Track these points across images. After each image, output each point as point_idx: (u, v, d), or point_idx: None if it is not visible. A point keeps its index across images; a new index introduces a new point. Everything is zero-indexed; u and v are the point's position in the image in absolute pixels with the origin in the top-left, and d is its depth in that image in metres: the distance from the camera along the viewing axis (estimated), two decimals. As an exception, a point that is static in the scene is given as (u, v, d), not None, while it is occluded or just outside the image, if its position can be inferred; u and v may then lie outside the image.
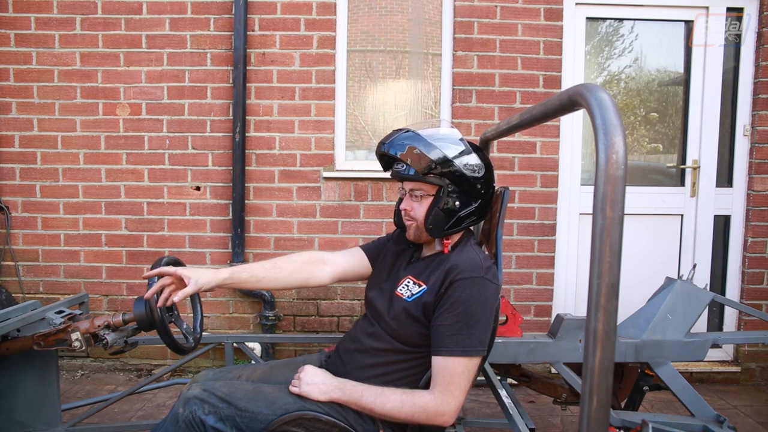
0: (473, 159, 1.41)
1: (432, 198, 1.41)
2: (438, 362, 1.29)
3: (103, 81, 3.00)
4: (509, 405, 1.52)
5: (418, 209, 1.43)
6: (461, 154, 1.39)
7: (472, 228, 1.53)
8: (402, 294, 1.42)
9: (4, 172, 3.03)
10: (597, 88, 0.93)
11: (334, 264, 1.64)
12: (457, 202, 1.40)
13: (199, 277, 1.38)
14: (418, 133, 1.41)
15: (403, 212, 1.48)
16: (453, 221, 1.41)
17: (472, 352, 1.28)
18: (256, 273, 1.51)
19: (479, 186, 1.42)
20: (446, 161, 1.36)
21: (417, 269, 1.46)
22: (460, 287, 1.31)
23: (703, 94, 3.12)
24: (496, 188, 1.52)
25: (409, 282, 1.43)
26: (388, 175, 1.57)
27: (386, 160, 1.48)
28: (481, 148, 1.48)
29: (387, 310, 1.43)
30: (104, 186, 3.04)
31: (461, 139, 1.44)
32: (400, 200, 1.51)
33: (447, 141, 1.40)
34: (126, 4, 2.97)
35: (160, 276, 1.40)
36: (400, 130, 1.44)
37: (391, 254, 1.59)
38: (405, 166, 1.40)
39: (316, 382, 1.35)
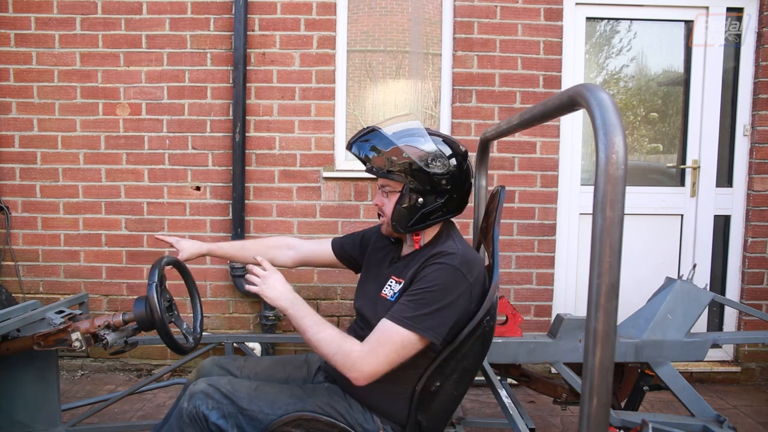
0: (437, 155, 1.37)
1: (398, 194, 1.40)
2: (380, 323, 1.30)
3: (103, 81, 3.00)
4: (509, 405, 1.52)
5: (387, 205, 1.44)
6: (423, 150, 1.36)
7: (453, 220, 1.51)
8: (386, 295, 1.42)
9: (4, 172, 3.03)
10: (597, 88, 0.92)
11: (297, 250, 1.81)
12: (420, 199, 1.37)
13: (185, 248, 1.75)
14: (380, 130, 1.40)
15: (376, 208, 1.49)
16: (417, 218, 1.39)
17: (414, 329, 1.26)
18: (228, 252, 1.85)
19: (444, 182, 1.38)
20: (403, 159, 1.35)
21: (398, 268, 1.47)
22: (429, 269, 1.32)
23: (703, 94, 3.12)
24: (472, 182, 1.47)
25: (392, 282, 1.44)
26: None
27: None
28: (454, 142, 1.43)
29: (374, 315, 1.41)
30: (104, 186, 3.05)
31: (428, 135, 1.40)
32: None
33: (410, 137, 1.38)
34: (126, 4, 2.97)
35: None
36: (366, 128, 1.44)
37: (373, 262, 1.59)
38: (370, 164, 1.40)
39: (276, 287, 1.37)
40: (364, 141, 1.41)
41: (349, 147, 1.45)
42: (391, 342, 1.26)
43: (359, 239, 1.73)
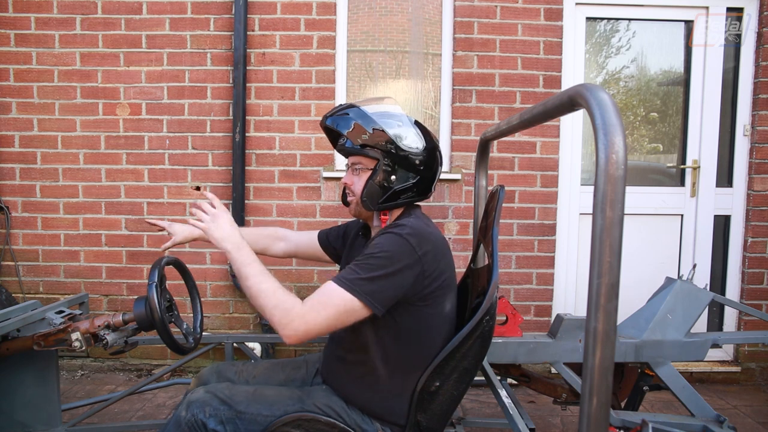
0: (411, 135, 1.41)
1: (370, 172, 1.41)
2: (324, 285, 1.28)
3: (103, 81, 3.00)
4: (509, 405, 1.52)
5: (357, 183, 1.44)
6: (399, 129, 1.40)
7: (419, 204, 1.53)
8: None
9: (4, 172, 3.03)
10: (597, 88, 0.92)
11: (288, 241, 1.84)
12: (393, 177, 1.40)
13: (178, 231, 1.73)
14: (359, 107, 1.43)
15: (345, 187, 1.49)
16: (388, 195, 1.41)
17: (354, 292, 1.23)
18: None
19: (417, 162, 1.41)
20: (382, 135, 1.38)
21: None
22: (379, 238, 1.32)
23: (703, 94, 3.12)
24: (441, 169, 1.51)
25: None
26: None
27: (333, 135, 1.50)
28: (423, 126, 1.48)
29: None
30: (104, 186, 3.05)
31: (402, 115, 1.45)
32: None
33: (386, 117, 1.41)
34: (126, 4, 2.97)
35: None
36: (344, 104, 1.47)
37: (350, 258, 1.59)
38: (345, 139, 1.42)
39: (224, 227, 1.33)
40: (342, 115, 1.43)
41: (323, 121, 1.47)
42: (332, 304, 1.23)
43: (342, 231, 1.75)
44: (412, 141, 1.41)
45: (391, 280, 1.26)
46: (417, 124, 1.46)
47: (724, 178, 3.18)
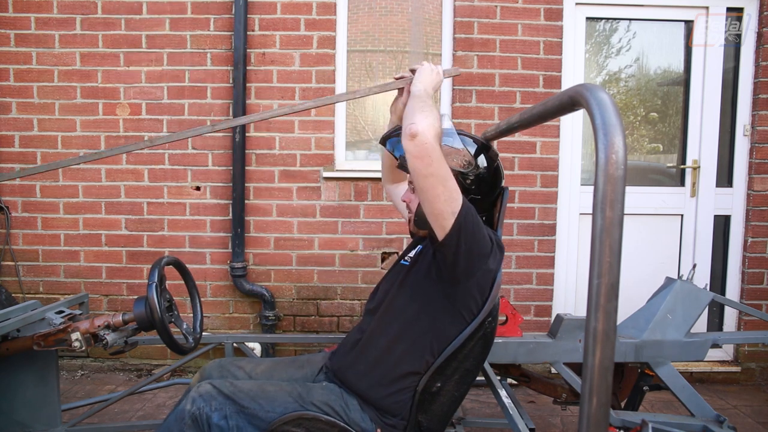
0: (464, 155, 1.39)
1: None
2: None
3: (103, 81, 3.00)
4: (509, 405, 1.52)
5: (414, 201, 1.43)
6: (451, 149, 1.39)
7: None
8: (406, 259, 1.48)
9: (4, 171, 3.03)
10: (597, 87, 0.92)
11: (396, 186, 1.77)
12: None
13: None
14: None
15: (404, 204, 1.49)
16: None
17: (463, 200, 1.22)
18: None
19: (468, 182, 1.38)
20: None
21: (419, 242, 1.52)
22: None
23: (703, 94, 3.12)
24: (503, 185, 1.49)
25: (411, 252, 1.50)
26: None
27: None
28: (486, 147, 1.45)
29: (387, 280, 1.47)
30: (104, 186, 3.05)
31: (456, 135, 1.43)
32: None
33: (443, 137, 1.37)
34: (126, 4, 2.97)
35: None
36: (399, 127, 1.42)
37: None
38: (402, 158, 1.36)
39: (433, 80, 1.45)
40: (398, 136, 1.37)
41: (382, 141, 1.47)
42: (450, 174, 1.19)
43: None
44: (463, 161, 1.37)
45: (479, 228, 1.26)
46: (476, 141, 1.44)
47: (724, 178, 3.18)
